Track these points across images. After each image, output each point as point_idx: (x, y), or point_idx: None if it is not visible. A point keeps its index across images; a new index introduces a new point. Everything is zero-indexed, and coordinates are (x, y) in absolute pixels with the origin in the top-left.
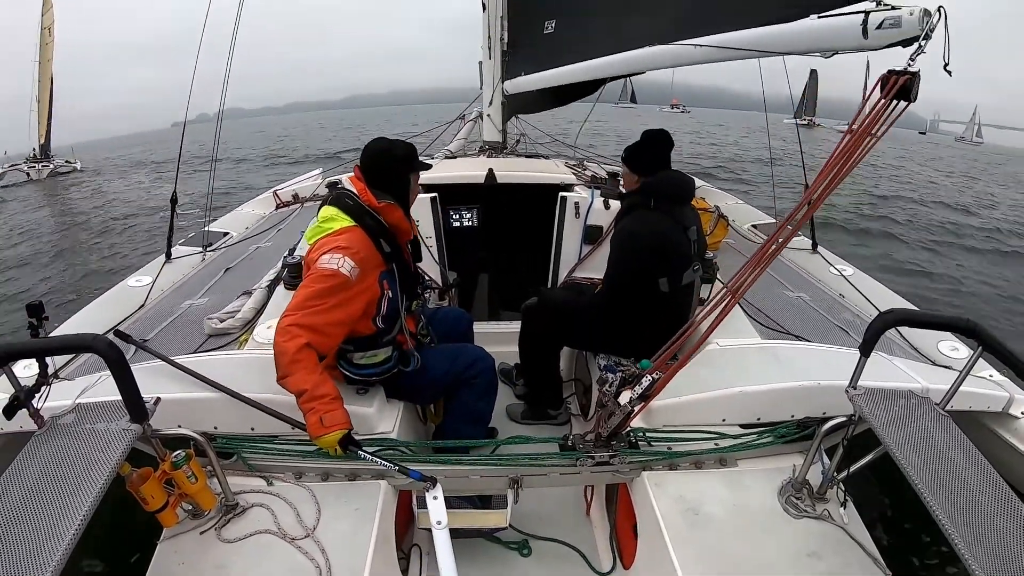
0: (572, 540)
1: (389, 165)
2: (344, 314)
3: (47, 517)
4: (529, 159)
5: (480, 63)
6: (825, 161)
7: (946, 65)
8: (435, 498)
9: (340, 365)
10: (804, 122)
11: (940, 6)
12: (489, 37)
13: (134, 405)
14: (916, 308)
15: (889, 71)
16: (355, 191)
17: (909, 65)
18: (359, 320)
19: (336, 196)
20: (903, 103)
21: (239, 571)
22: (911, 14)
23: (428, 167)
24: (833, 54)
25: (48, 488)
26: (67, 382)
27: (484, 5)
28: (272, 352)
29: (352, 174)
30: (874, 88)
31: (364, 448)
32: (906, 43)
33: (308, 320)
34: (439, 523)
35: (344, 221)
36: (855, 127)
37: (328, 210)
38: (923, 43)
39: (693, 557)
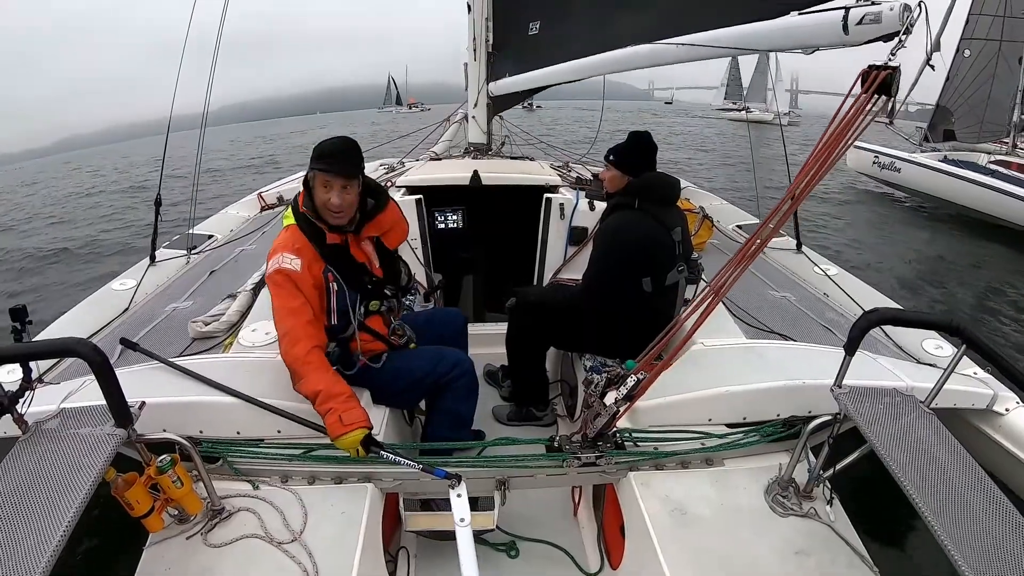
0: (560, 541)
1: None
2: (313, 305)
3: (32, 524)
4: (514, 161)
5: (465, 65)
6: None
7: (928, 60)
8: (459, 496)
9: None
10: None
11: (920, 1)
12: (474, 39)
13: (119, 410)
14: (900, 307)
15: (870, 66)
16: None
17: (890, 60)
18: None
19: (294, 196)
20: (883, 97)
21: None
22: (891, 9)
23: (331, 170)
24: (814, 50)
25: (33, 494)
26: (51, 387)
27: (469, 7)
28: (258, 356)
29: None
30: (855, 83)
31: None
32: (886, 38)
33: (294, 322)
34: (462, 520)
35: (289, 220)
36: (836, 122)
37: (288, 209)
38: (903, 38)
39: (681, 557)
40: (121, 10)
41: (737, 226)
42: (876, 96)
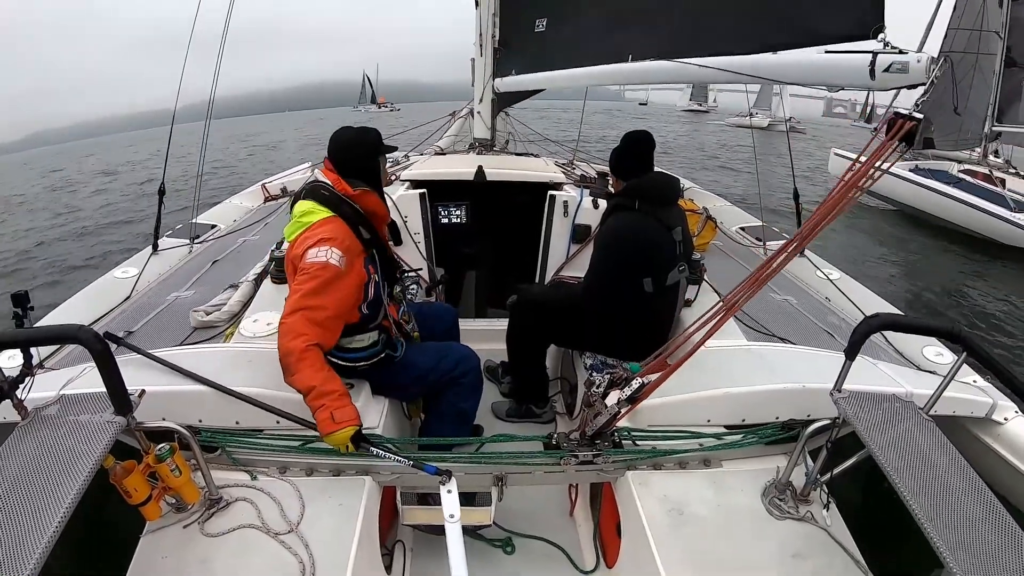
0: (556, 538)
1: (362, 152)
2: (343, 306)
3: (29, 509)
4: (519, 157)
5: (472, 60)
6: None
7: (955, 108)
8: (449, 492)
9: (328, 353)
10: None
11: (945, 55)
12: (481, 34)
13: (119, 397)
14: (902, 313)
15: (896, 114)
16: (329, 182)
17: (915, 111)
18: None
19: (310, 189)
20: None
21: (222, 565)
22: (919, 61)
23: (394, 149)
24: (839, 89)
25: (31, 480)
26: (52, 373)
27: (476, 2)
28: (259, 347)
29: (322, 167)
30: (880, 128)
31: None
32: (911, 87)
33: (311, 317)
34: (452, 516)
35: (322, 212)
36: (856, 164)
37: (304, 204)
38: (929, 89)
39: (676, 556)
40: (85, 5)
41: (740, 228)
42: (899, 143)
